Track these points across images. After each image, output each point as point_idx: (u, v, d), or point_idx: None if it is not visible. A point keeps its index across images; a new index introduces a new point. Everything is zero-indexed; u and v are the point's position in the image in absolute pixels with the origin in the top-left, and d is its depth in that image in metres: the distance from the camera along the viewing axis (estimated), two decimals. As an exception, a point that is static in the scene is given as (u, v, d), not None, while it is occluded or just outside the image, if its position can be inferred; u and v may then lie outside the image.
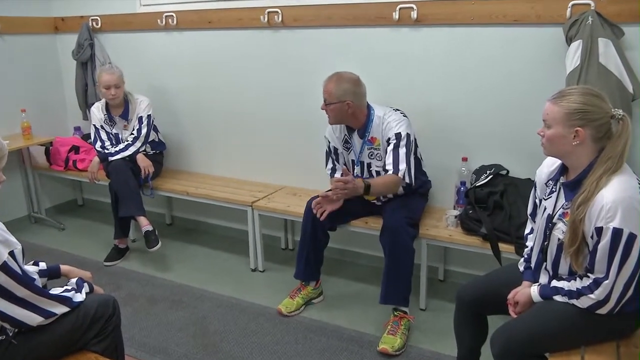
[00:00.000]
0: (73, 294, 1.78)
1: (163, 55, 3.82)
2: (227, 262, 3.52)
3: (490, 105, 2.85)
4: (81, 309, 1.77)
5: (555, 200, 1.82)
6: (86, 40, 3.90)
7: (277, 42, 3.36)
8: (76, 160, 3.92)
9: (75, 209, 4.56)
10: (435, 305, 2.93)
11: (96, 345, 1.81)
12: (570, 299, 1.70)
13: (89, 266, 3.34)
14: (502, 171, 2.82)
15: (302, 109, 3.36)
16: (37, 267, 1.87)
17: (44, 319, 1.66)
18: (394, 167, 2.59)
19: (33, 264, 1.88)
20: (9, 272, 1.54)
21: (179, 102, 3.87)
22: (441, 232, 2.76)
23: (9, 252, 1.55)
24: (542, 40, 2.65)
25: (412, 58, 2.98)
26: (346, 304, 2.96)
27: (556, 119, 1.70)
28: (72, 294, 1.78)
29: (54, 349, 1.72)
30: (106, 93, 3.45)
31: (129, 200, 3.38)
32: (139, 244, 3.73)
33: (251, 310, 2.90)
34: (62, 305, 1.71)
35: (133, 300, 3.01)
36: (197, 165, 3.94)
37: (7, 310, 1.57)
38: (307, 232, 2.81)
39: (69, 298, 1.74)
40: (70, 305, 1.74)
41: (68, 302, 1.73)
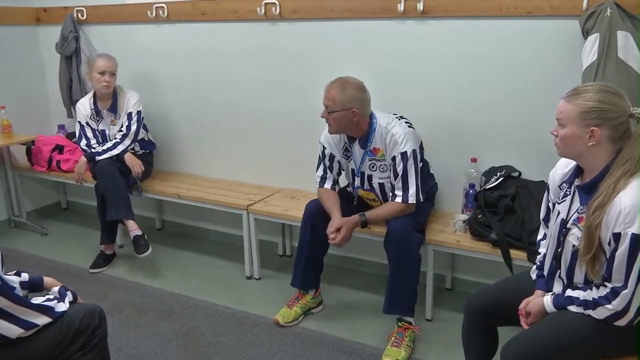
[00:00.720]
0: (55, 303, 1.78)
1: (153, 49, 3.82)
2: (221, 270, 3.52)
3: (501, 103, 2.86)
4: (65, 320, 1.78)
5: (569, 204, 1.82)
6: (71, 33, 3.90)
7: (274, 35, 3.37)
8: (60, 160, 3.92)
9: (59, 213, 4.56)
10: (442, 315, 2.93)
11: (81, 359, 1.81)
12: (586, 309, 1.70)
13: (74, 274, 3.37)
14: (514, 173, 2.83)
15: (301, 106, 3.37)
16: (18, 278, 1.87)
17: (24, 330, 1.66)
18: (404, 193, 2.61)
19: (15, 274, 1.88)
20: (-13, 280, 1.55)
21: (170, 99, 3.87)
22: (448, 238, 2.76)
23: (-13, 259, 1.55)
24: (556, 34, 2.66)
25: (418, 52, 2.99)
26: (347, 314, 2.96)
27: (570, 118, 1.70)
28: (55, 303, 1.78)
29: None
30: (99, 79, 3.46)
31: (116, 203, 3.38)
32: (126, 250, 3.73)
33: (246, 320, 2.90)
34: (43, 316, 1.71)
35: (120, 310, 3.00)
36: (189, 166, 3.95)
37: (-15, 321, 1.57)
38: (305, 238, 2.81)
39: (51, 308, 1.74)
40: (52, 316, 1.74)
41: (50, 312, 1.73)
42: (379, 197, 2.79)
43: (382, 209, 2.70)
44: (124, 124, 3.58)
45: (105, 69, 3.45)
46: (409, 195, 2.60)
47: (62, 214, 4.55)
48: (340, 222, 2.62)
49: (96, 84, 3.51)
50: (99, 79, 3.47)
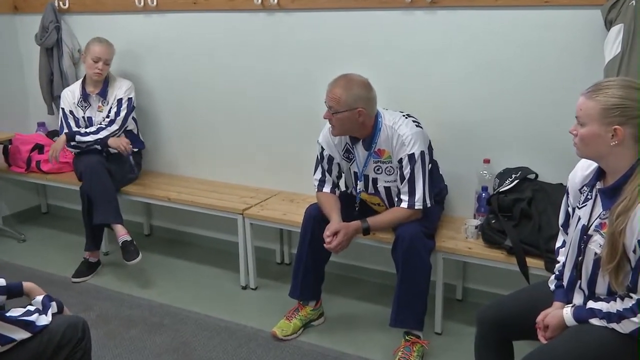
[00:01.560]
0: (37, 316, 1.78)
1: (141, 42, 3.83)
2: (214, 279, 3.53)
3: (516, 100, 2.86)
4: (45, 333, 1.78)
5: (590, 209, 1.82)
6: (52, 23, 3.92)
7: (272, 26, 3.37)
8: (40, 160, 3.92)
9: (39, 217, 4.57)
10: (452, 328, 2.93)
11: (62, 375, 1.82)
12: (609, 322, 1.70)
13: (55, 283, 3.37)
14: (530, 175, 2.83)
15: (301, 104, 3.38)
16: (-5, 284, 1.88)
17: (0, 345, 1.65)
18: (410, 198, 2.61)
19: (-10, 280, 1.88)
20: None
21: (160, 95, 3.88)
22: (459, 245, 2.76)
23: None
24: (576, 25, 2.66)
25: (427, 45, 2.99)
26: (350, 327, 2.96)
27: (591, 116, 1.70)
28: (36, 316, 1.78)
29: (14, 379, 1.73)
30: (92, 66, 3.50)
31: (104, 206, 3.39)
32: (112, 258, 3.74)
33: (241, 333, 2.90)
34: (22, 330, 1.72)
35: (106, 322, 3.01)
36: (180, 168, 3.95)
37: (-43, 335, 1.57)
38: (305, 245, 2.81)
39: (31, 322, 1.74)
40: (32, 331, 1.74)
41: (30, 327, 1.74)
42: (384, 202, 2.79)
43: (386, 214, 2.70)
44: (112, 110, 3.60)
45: (100, 55, 3.49)
46: (415, 200, 2.60)
47: (42, 219, 4.56)
48: (338, 226, 2.63)
49: (88, 70, 3.55)
50: (92, 66, 3.50)
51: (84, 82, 3.64)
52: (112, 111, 3.61)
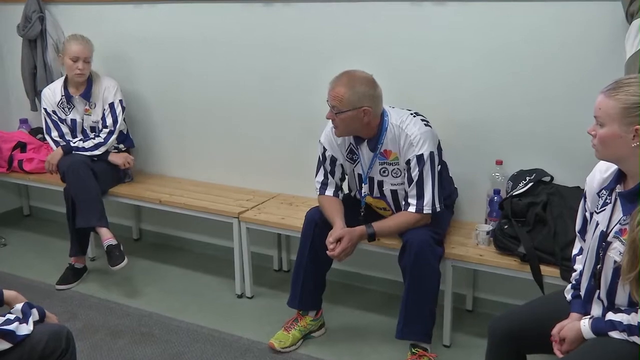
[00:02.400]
0: (17, 325, 1.79)
1: (130, 34, 3.84)
2: (208, 286, 3.54)
3: (530, 97, 2.87)
4: (26, 343, 1.78)
5: (610, 214, 1.82)
6: (35, 13, 3.93)
7: (271, 19, 3.39)
8: (22, 160, 3.94)
9: (21, 220, 4.59)
10: (461, 341, 2.93)
11: (46, 387, 1.83)
12: (630, 335, 1.70)
13: (38, 290, 3.39)
14: (545, 178, 2.84)
15: (300, 101, 3.39)
16: (-27, 294, 1.88)
17: (-21, 356, 1.66)
18: (418, 202, 2.62)
19: (-31, 289, 1.89)
20: None
21: (150, 90, 3.90)
22: (470, 252, 2.77)
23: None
24: (595, 18, 2.67)
25: (436, 39, 3.00)
26: (353, 339, 2.97)
27: (611, 116, 1.70)
28: (16, 325, 1.79)
29: (-6, 392, 1.74)
30: (72, 66, 3.50)
31: (88, 208, 3.41)
32: (99, 263, 3.75)
33: (237, 345, 2.91)
34: (2, 341, 1.72)
35: (92, 332, 3.01)
36: (172, 168, 3.97)
37: None
38: (305, 251, 2.82)
39: (10, 332, 1.75)
40: (12, 341, 1.75)
41: (10, 337, 1.74)
42: (390, 206, 2.80)
43: (393, 219, 2.71)
44: (106, 118, 3.62)
45: (78, 54, 3.49)
46: (424, 204, 2.61)
47: (24, 222, 4.58)
48: (342, 231, 2.63)
49: (68, 71, 3.56)
50: (72, 66, 3.50)
51: (65, 82, 3.65)
52: (107, 119, 3.62)
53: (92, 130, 3.67)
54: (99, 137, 3.61)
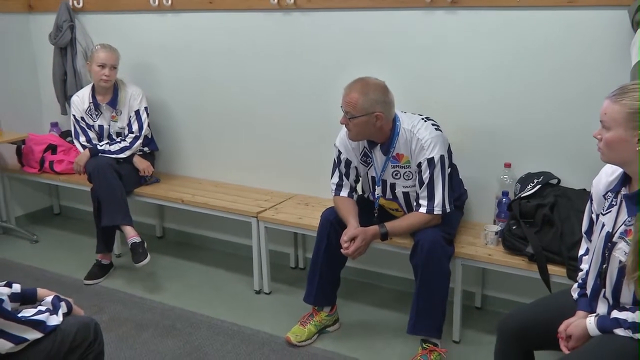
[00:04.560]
0: (47, 316, 1.81)
1: (155, 41, 3.87)
2: (227, 283, 3.55)
3: (538, 102, 2.85)
4: (57, 334, 1.80)
5: (615, 216, 1.81)
6: (65, 22, 3.96)
7: (289, 27, 3.40)
8: (53, 161, 3.98)
9: (51, 218, 4.62)
10: (471, 337, 2.92)
11: (75, 377, 1.85)
12: (634, 332, 1.69)
13: (67, 285, 3.41)
14: (553, 180, 2.82)
15: (316, 106, 3.39)
16: (9, 289, 1.89)
17: (14, 345, 1.68)
18: (429, 203, 2.61)
19: (5, 285, 1.91)
20: (-26, 293, 1.57)
21: (174, 96, 3.92)
22: (479, 251, 2.76)
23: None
24: (602, 26, 2.65)
25: (447, 46, 3.00)
26: (366, 334, 2.97)
27: (616, 120, 1.70)
28: (47, 316, 1.81)
29: (27, 379, 1.75)
30: (99, 73, 3.53)
31: (113, 207, 3.43)
32: (124, 260, 3.77)
33: (255, 339, 2.92)
34: (34, 330, 1.74)
35: (118, 325, 3.03)
36: (194, 170, 3.98)
37: (-29, 336, 1.60)
38: (321, 249, 2.82)
39: (42, 322, 1.77)
40: (43, 330, 1.76)
41: (41, 327, 1.76)
42: (402, 207, 2.79)
43: (405, 220, 2.70)
44: (132, 124, 3.65)
45: (105, 61, 3.51)
46: (434, 205, 2.60)
47: (55, 220, 4.61)
48: (355, 231, 2.63)
49: (95, 77, 3.58)
50: (98, 72, 3.53)
51: (93, 90, 3.67)
52: (133, 126, 3.66)
53: (117, 135, 3.71)
54: (124, 142, 3.64)
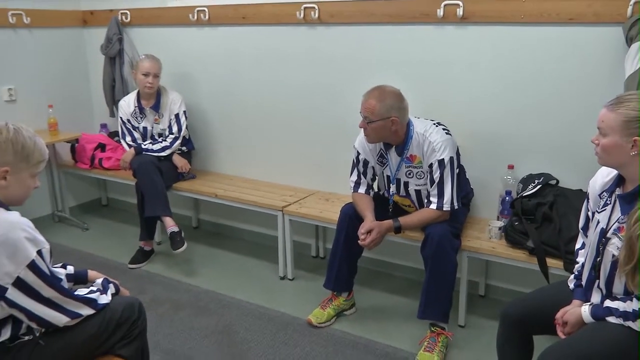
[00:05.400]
0: (98, 295, 1.84)
1: (193, 52, 3.90)
2: (255, 269, 3.57)
3: (539, 110, 2.83)
4: (107, 312, 1.82)
5: (609, 214, 1.79)
6: (115, 35, 4.01)
7: (313, 39, 3.40)
8: (102, 158, 4.03)
9: (100, 209, 4.68)
10: (475, 322, 2.91)
11: (122, 349, 1.86)
12: (625, 320, 1.68)
13: (113, 268, 3.45)
14: (552, 181, 2.79)
15: (337, 110, 3.39)
16: (64, 270, 1.93)
17: (70, 319, 1.71)
18: (439, 200, 2.60)
19: (61, 267, 1.94)
20: (37, 271, 1.60)
21: (209, 100, 3.94)
22: (484, 245, 2.74)
23: (37, 251, 1.61)
24: (599, 41, 2.62)
25: (457, 58, 2.98)
26: (380, 317, 2.97)
27: (612, 127, 1.68)
28: (97, 295, 1.83)
29: (79, 351, 1.78)
30: (143, 80, 3.57)
31: (155, 200, 3.46)
32: (164, 247, 3.81)
33: (279, 320, 2.93)
34: (87, 307, 1.76)
35: (158, 305, 3.07)
36: (226, 167, 4.01)
37: (35, 309, 1.63)
38: (340, 240, 2.82)
39: (94, 300, 1.80)
40: (95, 307, 1.79)
41: (93, 304, 1.79)
42: (414, 204, 2.79)
43: (416, 215, 2.70)
44: (173, 126, 3.68)
45: (149, 70, 3.55)
46: (444, 203, 2.60)
47: (103, 210, 4.66)
48: (372, 224, 2.63)
49: (140, 84, 3.61)
50: (143, 80, 3.56)
51: (138, 95, 3.71)
52: (173, 127, 3.69)
53: (159, 136, 3.74)
54: (165, 141, 3.68)
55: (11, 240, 1.56)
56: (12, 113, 3.85)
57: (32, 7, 3.98)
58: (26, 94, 4.05)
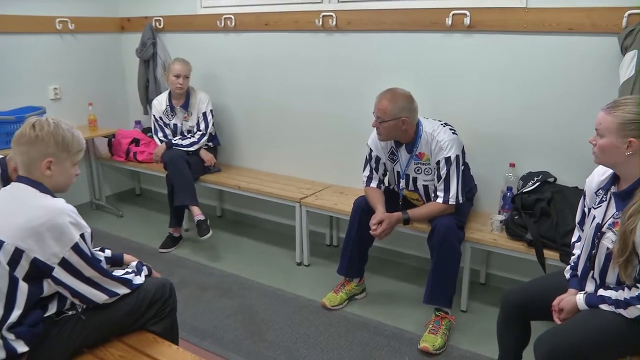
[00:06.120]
0: (133, 276, 1.86)
1: (220, 55, 3.91)
2: (274, 255, 3.58)
3: (539, 112, 2.81)
4: (141, 291, 1.85)
5: (605, 210, 1.78)
6: (149, 40, 4.04)
7: (330, 44, 3.39)
8: (136, 152, 4.06)
9: (133, 198, 4.71)
10: (475, 307, 2.90)
11: (154, 326, 1.89)
12: (617, 308, 1.67)
13: (145, 252, 3.49)
14: (550, 178, 2.77)
15: (351, 110, 3.39)
16: (103, 254, 1.96)
17: (108, 297, 1.74)
18: (445, 195, 2.59)
19: (100, 250, 1.97)
20: (80, 253, 1.63)
21: (234, 100, 3.95)
22: (486, 237, 2.73)
23: (80, 234, 1.64)
24: (596, 49, 2.59)
25: (464, 64, 2.96)
26: (388, 302, 2.97)
27: (609, 129, 1.67)
28: (133, 276, 1.86)
29: (116, 326, 1.81)
30: (174, 81, 3.59)
31: (183, 191, 3.48)
32: (191, 234, 3.83)
33: (296, 302, 2.94)
34: (123, 287, 1.79)
35: (185, 286, 3.09)
36: (249, 162, 4.02)
37: (77, 287, 1.66)
38: (353, 230, 2.83)
39: (129, 280, 1.82)
40: (130, 287, 1.81)
41: (129, 284, 1.81)
42: (422, 198, 2.78)
43: (424, 208, 2.69)
44: (200, 124, 3.70)
45: (180, 72, 3.57)
46: (449, 197, 2.59)
47: (136, 199, 4.70)
48: (382, 216, 2.63)
49: (171, 85, 3.63)
50: (174, 82, 3.58)
51: (169, 95, 3.73)
52: (201, 125, 3.70)
53: (188, 132, 3.76)
54: (194, 137, 3.69)
55: (58, 225, 1.58)
56: (57, 110, 3.90)
57: (77, 15, 4.02)
58: (69, 93, 4.10)
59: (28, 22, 3.77)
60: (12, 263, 1.55)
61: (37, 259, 1.57)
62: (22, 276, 1.57)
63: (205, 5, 3.88)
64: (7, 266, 1.55)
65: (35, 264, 1.57)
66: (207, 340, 2.59)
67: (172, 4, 4.01)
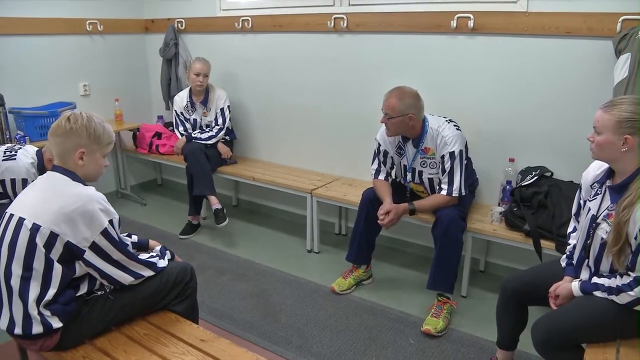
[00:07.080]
0: (157, 260, 1.88)
1: (238, 55, 3.91)
2: (286, 243, 3.59)
3: (538, 111, 2.79)
4: (164, 274, 1.87)
5: (600, 202, 1.78)
6: (171, 40, 4.04)
7: (341, 45, 3.39)
8: (158, 145, 4.08)
9: (155, 188, 4.74)
10: (475, 293, 2.90)
11: (176, 306, 1.91)
12: (609, 295, 1.67)
13: (167, 238, 3.52)
14: (547, 173, 2.76)
15: (360, 106, 3.38)
16: (129, 239, 1.98)
17: (134, 279, 1.76)
18: (449, 187, 2.59)
19: (127, 235, 1.99)
20: (108, 237, 1.65)
21: (250, 97, 3.96)
22: (486, 227, 2.72)
23: (109, 220, 1.66)
24: (592, 52, 2.57)
25: (467, 64, 2.95)
26: (394, 287, 2.97)
27: (607, 127, 1.66)
28: (157, 260, 1.87)
29: (141, 306, 1.84)
30: (195, 79, 3.60)
31: (202, 181, 3.50)
32: (209, 222, 3.85)
33: (307, 287, 2.96)
34: (148, 269, 1.81)
35: (203, 270, 3.11)
36: (263, 154, 4.02)
37: (106, 269, 1.68)
38: (361, 220, 2.83)
39: (154, 263, 1.84)
40: (155, 270, 1.83)
41: (153, 267, 1.83)
42: (427, 190, 2.78)
43: (429, 199, 2.69)
44: (218, 119, 3.71)
45: (200, 71, 3.58)
46: (453, 189, 2.58)
47: (158, 189, 4.73)
48: (389, 206, 2.63)
49: (192, 83, 3.65)
50: (195, 79, 3.60)
51: (190, 92, 3.74)
52: (219, 120, 3.71)
53: (207, 127, 3.77)
54: (212, 132, 3.70)
55: (89, 211, 1.61)
56: (86, 105, 3.94)
57: (105, 17, 4.04)
58: (97, 89, 4.13)
59: (61, 24, 3.79)
60: (48, 246, 1.58)
61: (70, 242, 1.59)
62: (57, 258, 1.60)
63: (224, 8, 3.88)
64: (44, 249, 1.58)
65: (68, 247, 1.59)
66: (225, 320, 2.62)
67: (193, 7, 4.02)
